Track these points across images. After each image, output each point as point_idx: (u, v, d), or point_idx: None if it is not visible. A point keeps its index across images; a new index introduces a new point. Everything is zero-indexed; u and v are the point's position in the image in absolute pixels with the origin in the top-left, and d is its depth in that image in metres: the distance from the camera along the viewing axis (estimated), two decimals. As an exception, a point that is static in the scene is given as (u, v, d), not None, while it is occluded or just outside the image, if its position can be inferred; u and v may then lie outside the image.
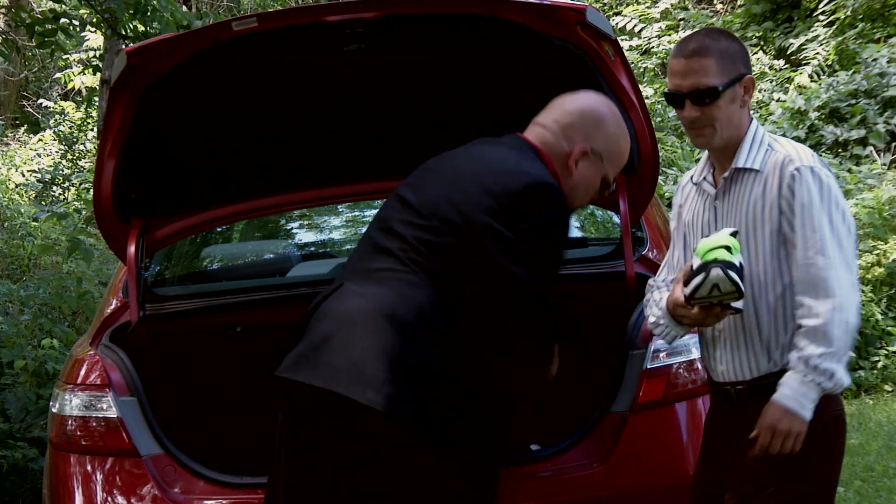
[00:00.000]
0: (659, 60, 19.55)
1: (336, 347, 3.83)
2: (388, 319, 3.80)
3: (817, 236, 3.68)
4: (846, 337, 3.66)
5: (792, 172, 3.72)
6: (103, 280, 10.51)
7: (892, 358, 10.42)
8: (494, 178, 3.88)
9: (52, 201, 15.39)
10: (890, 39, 16.75)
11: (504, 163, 3.96)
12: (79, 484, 4.80)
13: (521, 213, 3.83)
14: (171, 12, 10.08)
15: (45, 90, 24.64)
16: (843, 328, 3.65)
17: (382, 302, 3.85)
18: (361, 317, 3.85)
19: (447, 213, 3.88)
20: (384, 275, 3.91)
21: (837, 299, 3.64)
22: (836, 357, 3.64)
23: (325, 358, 3.83)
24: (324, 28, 4.55)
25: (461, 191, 3.91)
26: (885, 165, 13.96)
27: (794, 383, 3.66)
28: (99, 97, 13.30)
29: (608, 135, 4.11)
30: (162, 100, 4.77)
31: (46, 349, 8.54)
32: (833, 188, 3.73)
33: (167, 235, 5.54)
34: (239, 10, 21.16)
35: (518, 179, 3.86)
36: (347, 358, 3.78)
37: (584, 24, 4.49)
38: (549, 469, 4.64)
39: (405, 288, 3.86)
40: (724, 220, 3.89)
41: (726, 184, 3.89)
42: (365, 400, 3.71)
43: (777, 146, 3.83)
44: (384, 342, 3.78)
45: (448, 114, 5.20)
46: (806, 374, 3.64)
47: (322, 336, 3.90)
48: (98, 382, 4.86)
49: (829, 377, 3.64)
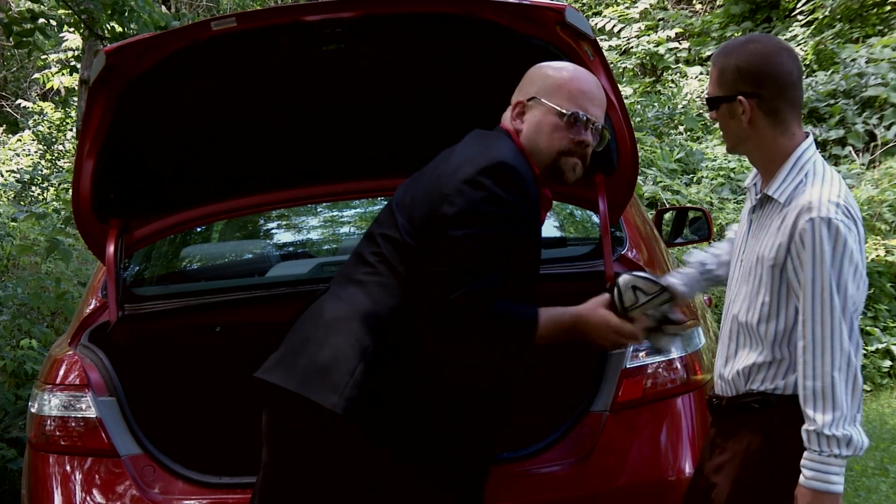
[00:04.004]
0: (638, 60, 19.62)
1: (311, 350, 3.86)
2: (361, 322, 3.82)
3: (825, 295, 3.56)
4: (854, 396, 3.56)
5: (805, 225, 3.60)
6: (82, 280, 10.50)
7: (870, 358, 10.46)
8: (456, 169, 3.87)
9: (30, 201, 15.35)
10: (868, 39, 16.82)
11: (469, 151, 3.96)
12: (58, 484, 4.79)
13: (473, 190, 3.78)
14: (148, 13, 10.07)
15: (23, 90, 24.60)
16: (850, 386, 3.55)
17: (358, 306, 3.86)
18: (335, 320, 3.88)
19: (414, 212, 3.89)
20: (362, 278, 3.93)
21: (841, 359, 3.54)
22: (847, 420, 3.53)
23: (301, 361, 3.85)
24: (302, 28, 4.54)
25: (428, 188, 3.92)
26: (863, 165, 14.02)
27: (814, 463, 3.56)
28: (78, 97, 13.28)
29: (538, 76, 4.09)
30: (141, 100, 4.76)
31: (25, 349, 8.52)
32: (849, 242, 3.58)
33: (146, 235, 5.53)
34: (218, 10, 21.14)
35: (473, 163, 3.84)
36: (320, 361, 3.80)
37: (564, 23, 4.49)
38: (528, 468, 4.64)
39: (379, 291, 3.87)
40: (754, 235, 3.85)
41: (760, 203, 3.85)
42: (328, 404, 3.73)
43: (809, 184, 3.69)
44: (353, 345, 3.79)
45: (426, 114, 5.20)
46: (822, 449, 3.54)
47: (301, 339, 3.94)
48: (77, 382, 4.85)
49: (847, 444, 3.53)
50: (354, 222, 8.53)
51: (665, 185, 12.81)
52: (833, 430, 3.52)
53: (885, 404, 9.62)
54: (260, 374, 3.93)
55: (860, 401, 3.60)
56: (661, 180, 12.91)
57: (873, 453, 8.13)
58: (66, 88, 18.87)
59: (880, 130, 14.62)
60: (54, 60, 19.66)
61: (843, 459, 3.55)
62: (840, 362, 3.54)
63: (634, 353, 4.67)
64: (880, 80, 15.18)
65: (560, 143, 3.98)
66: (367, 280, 3.92)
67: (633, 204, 5.66)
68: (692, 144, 15.50)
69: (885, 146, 14.35)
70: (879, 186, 12.31)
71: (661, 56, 19.49)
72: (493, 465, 4.38)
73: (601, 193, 5.09)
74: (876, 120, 14.94)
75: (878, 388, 10.22)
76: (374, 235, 4.00)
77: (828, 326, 3.56)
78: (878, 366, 10.43)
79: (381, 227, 3.99)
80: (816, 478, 3.55)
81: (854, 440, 3.53)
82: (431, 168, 4.04)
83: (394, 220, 3.95)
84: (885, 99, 14.96)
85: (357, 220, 8.54)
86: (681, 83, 18.62)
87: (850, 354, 3.56)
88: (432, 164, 4.06)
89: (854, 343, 3.59)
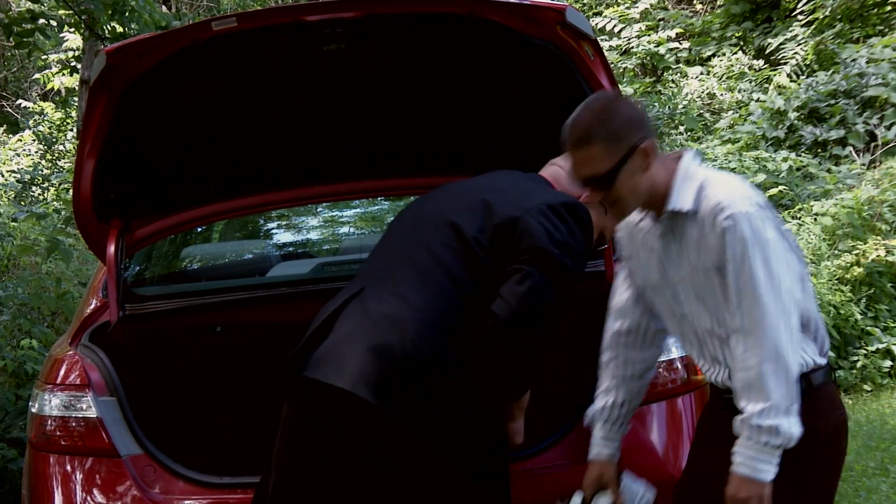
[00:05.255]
0: (638, 60, 19.61)
1: (358, 348, 3.84)
2: (418, 323, 3.85)
3: (750, 284, 3.58)
4: (786, 387, 3.55)
5: (724, 223, 3.62)
6: (83, 280, 10.50)
7: (871, 358, 10.44)
8: (521, 193, 4.05)
9: (31, 201, 15.34)
10: (869, 39, 16.81)
11: (527, 183, 4.18)
12: (58, 484, 4.78)
13: (560, 219, 3.94)
14: (149, 13, 10.07)
15: (24, 90, 24.59)
16: (782, 378, 3.54)
17: (413, 307, 3.89)
18: (385, 318, 3.88)
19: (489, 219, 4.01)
20: (416, 280, 3.97)
21: (771, 350, 3.55)
22: (777, 410, 3.54)
23: (350, 359, 3.83)
24: (303, 28, 4.54)
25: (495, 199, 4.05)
26: (864, 165, 14.01)
27: (743, 449, 3.60)
28: (78, 97, 13.28)
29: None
30: (141, 100, 4.76)
31: (25, 350, 8.52)
32: (767, 230, 3.61)
33: (147, 235, 5.54)
34: (218, 10, 21.14)
35: (552, 196, 4.04)
36: (371, 358, 3.80)
37: (564, 23, 4.49)
38: (530, 468, 4.65)
39: (436, 295, 3.92)
40: (674, 256, 3.83)
41: (667, 224, 3.82)
42: (381, 402, 3.74)
43: (710, 188, 3.70)
44: (408, 344, 3.81)
45: (426, 114, 5.20)
46: (750, 436, 3.57)
47: (342, 336, 3.93)
48: (77, 382, 4.84)
49: (776, 433, 3.55)
50: (354, 222, 8.53)
51: (666, 185, 12.76)
52: (762, 421, 3.55)
53: (886, 404, 9.61)
54: (310, 374, 3.91)
55: (795, 388, 3.59)
56: (662, 180, 12.86)
57: (874, 453, 8.13)
58: (66, 89, 18.88)
59: (881, 130, 14.60)
60: (55, 61, 19.65)
61: (775, 448, 3.57)
62: (769, 354, 3.55)
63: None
64: (881, 80, 15.16)
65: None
66: (421, 282, 3.94)
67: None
68: (693, 144, 15.50)
69: (886, 146, 14.32)
70: (880, 186, 12.28)
71: (662, 56, 19.49)
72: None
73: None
74: (876, 120, 14.91)
75: (879, 389, 10.21)
76: (430, 245, 4.03)
77: (757, 318, 3.58)
78: (878, 366, 10.41)
79: (438, 236, 4.04)
80: (745, 464, 3.60)
81: (783, 430, 3.55)
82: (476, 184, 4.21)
83: (457, 233, 4.00)
84: (886, 99, 14.94)
85: (357, 220, 8.55)
86: (681, 83, 18.62)
87: (779, 346, 3.56)
88: (479, 182, 4.23)
89: (795, 325, 3.61)
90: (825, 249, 11.44)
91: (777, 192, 13.02)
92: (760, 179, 13.22)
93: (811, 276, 10.90)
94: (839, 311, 10.59)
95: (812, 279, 10.89)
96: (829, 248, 11.49)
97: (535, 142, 5.26)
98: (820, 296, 10.55)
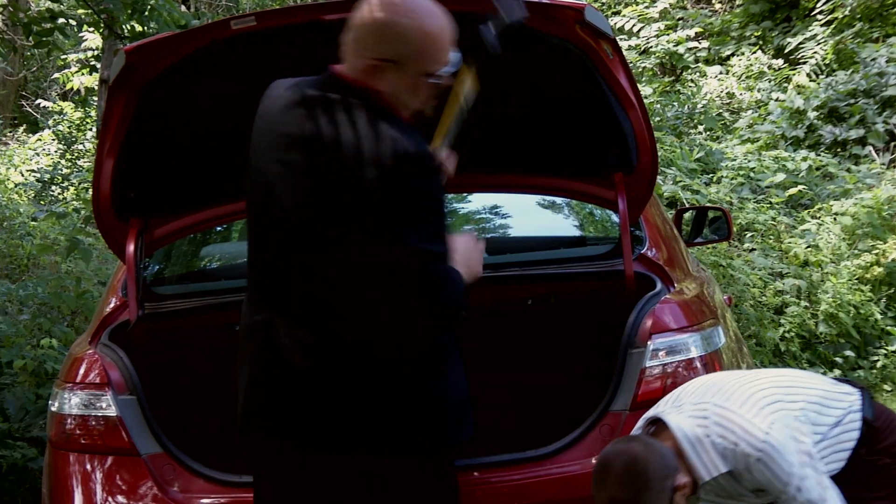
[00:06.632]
0: (657, 60, 19.58)
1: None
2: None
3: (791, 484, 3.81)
4: None
5: (757, 464, 3.83)
6: (102, 279, 10.51)
7: (891, 357, 10.43)
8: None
9: (50, 201, 15.36)
10: (888, 39, 16.77)
11: None
12: (78, 483, 4.79)
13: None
14: (168, 12, 10.08)
15: (43, 90, 24.63)
16: None
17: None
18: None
19: None
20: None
21: None
22: None
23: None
24: (322, 27, 4.54)
25: None
26: (883, 165, 13.99)
27: None
28: (98, 97, 13.30)
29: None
30: (161, 99, 4.77)
31: (45, 349, 8.53)
32: (787, 444, 3.83)
33: (166, 234, 5.54)
34: (237, 9, 21.16)
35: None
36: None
37: (583, 22, 4.48)
38: (548, 468, 4.63)
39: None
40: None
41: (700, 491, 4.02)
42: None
43: (725, 435, 3.89)
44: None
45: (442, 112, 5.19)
46: None
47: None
48: (97, 381, 4.85)
49: None
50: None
51: (685, 185, 12.78)
52: None
53: (906, 404, 9.60)
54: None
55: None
56: (681, 180, 12.88)
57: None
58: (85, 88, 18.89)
59: (901, 130, 14.60)
60: (74, 60, 19.69)
61: None
62: None
63: (654, 353, 4.65)
64: (901, 79, 15.15)
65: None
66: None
67: (652, 203, 5.65)
68: (712, 144, 15.47)
69: (905, 146, 14.32)
70: (900, 185, 12.28)
71: (681, 55, 19.45)
72: (514, 465, 4.39)
73: (620, 193, 5.09)
74: (896, 119, 14.91)
75: (899, 388, 10.21)
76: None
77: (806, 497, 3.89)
78: (898, 365, 10.42)
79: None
80: None
81: None
82: None
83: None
84: (905, 98, 14.94)
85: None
86: (700, 83, 18.58)
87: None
88: None
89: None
90: (845, 249, 11.42)
91: (797, 192, 13.00)
92: (780, 179, 13.20)
93: (831, 275, 10.90)
94: (859, 311, 10.58)
95: (832, 279, 10.86)
96: (848, 248, 11.48)
97: (551, 141, 5.26)
98: (839, 296, 10.53)
